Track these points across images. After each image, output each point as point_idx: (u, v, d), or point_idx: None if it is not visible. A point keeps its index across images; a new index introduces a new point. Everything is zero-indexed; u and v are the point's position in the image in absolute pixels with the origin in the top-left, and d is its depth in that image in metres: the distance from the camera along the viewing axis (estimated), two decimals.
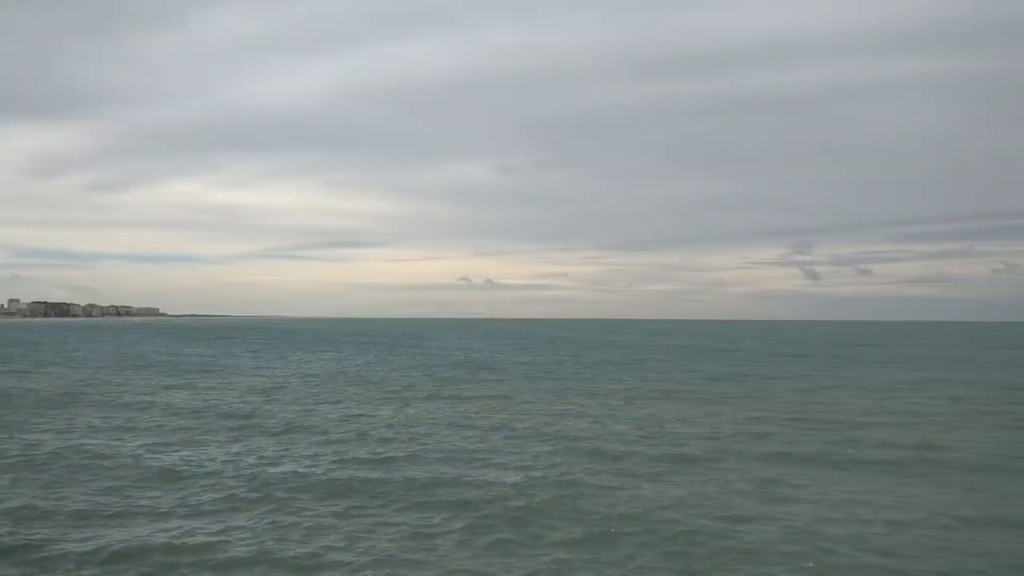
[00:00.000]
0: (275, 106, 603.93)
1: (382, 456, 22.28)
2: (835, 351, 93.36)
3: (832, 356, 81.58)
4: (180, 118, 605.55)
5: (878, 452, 23.49)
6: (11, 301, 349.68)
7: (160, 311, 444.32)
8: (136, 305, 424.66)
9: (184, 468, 20.31)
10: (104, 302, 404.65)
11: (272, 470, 20.10)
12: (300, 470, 20.13)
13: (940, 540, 14.57)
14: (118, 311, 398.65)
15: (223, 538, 14.30)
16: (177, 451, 22.97)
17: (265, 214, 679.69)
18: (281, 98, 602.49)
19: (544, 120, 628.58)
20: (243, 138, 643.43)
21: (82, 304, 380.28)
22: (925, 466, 21.57)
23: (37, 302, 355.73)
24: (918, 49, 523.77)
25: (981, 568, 13.18)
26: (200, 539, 14.21)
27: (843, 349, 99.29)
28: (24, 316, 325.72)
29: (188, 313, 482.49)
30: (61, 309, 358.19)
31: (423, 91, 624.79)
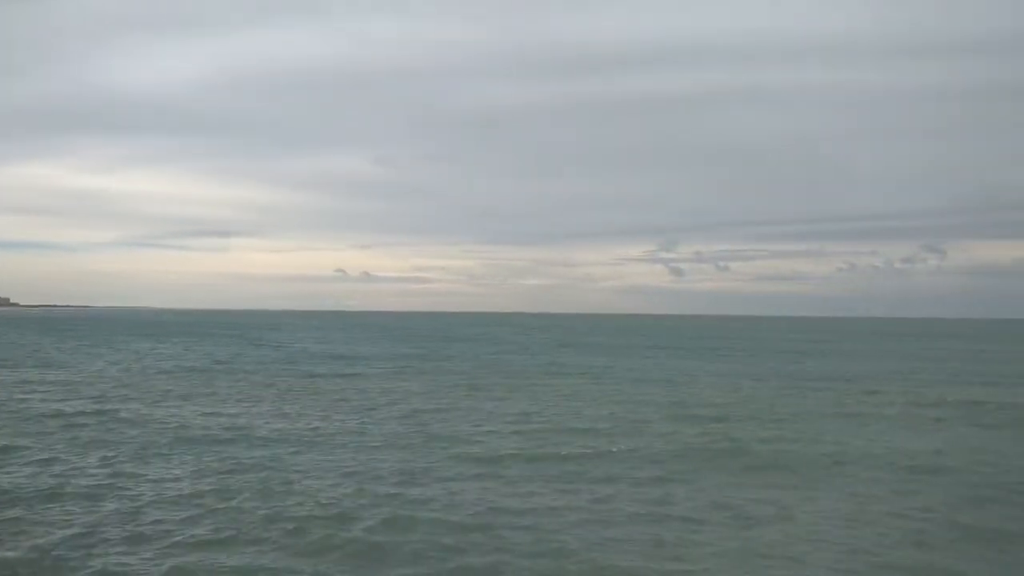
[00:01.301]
0: (144, 89, 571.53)
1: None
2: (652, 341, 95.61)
3: (644, 347, 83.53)
4: (34, 96, 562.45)
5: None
6: None
7: (11, 301, 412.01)
8: None
9: None
10: None
11: None
12: None
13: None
14: None
15: None
16: None
17: (130, 200, 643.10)
18: (151, 81, 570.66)
19: (424, 114, 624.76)
20: (107, 121, 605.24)
21: None
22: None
23: None
24: (783, 58, 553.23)
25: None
26: None
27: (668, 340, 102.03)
28: None
29: (44, 303, 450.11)
30: None
31: (300, 80, 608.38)
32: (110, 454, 21.09)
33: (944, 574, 13.16)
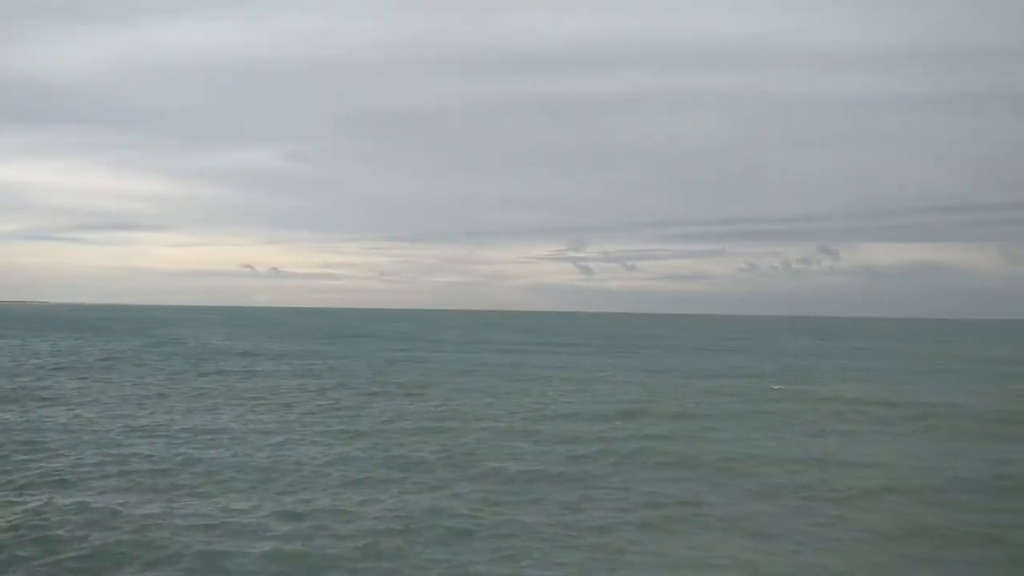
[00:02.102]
0: (40, 76, 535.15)
1: None
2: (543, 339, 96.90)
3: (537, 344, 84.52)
4: None
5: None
6: None
7: None
8: None
9: None
10: None
11: None
12: None
13: None
14: None
15: None
16: None
17: (30, 191, 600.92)
18: (49, 68, 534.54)
19: (337, 110, 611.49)
20: (6, 108, 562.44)
21: None
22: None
23: None
24: (692, 63, 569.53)
25: None
26: None
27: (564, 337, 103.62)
28: None
29: None
30: None
31: (211, 71, 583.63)
32: None
33: (839, 573, 13.53)
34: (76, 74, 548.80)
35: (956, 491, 18.90)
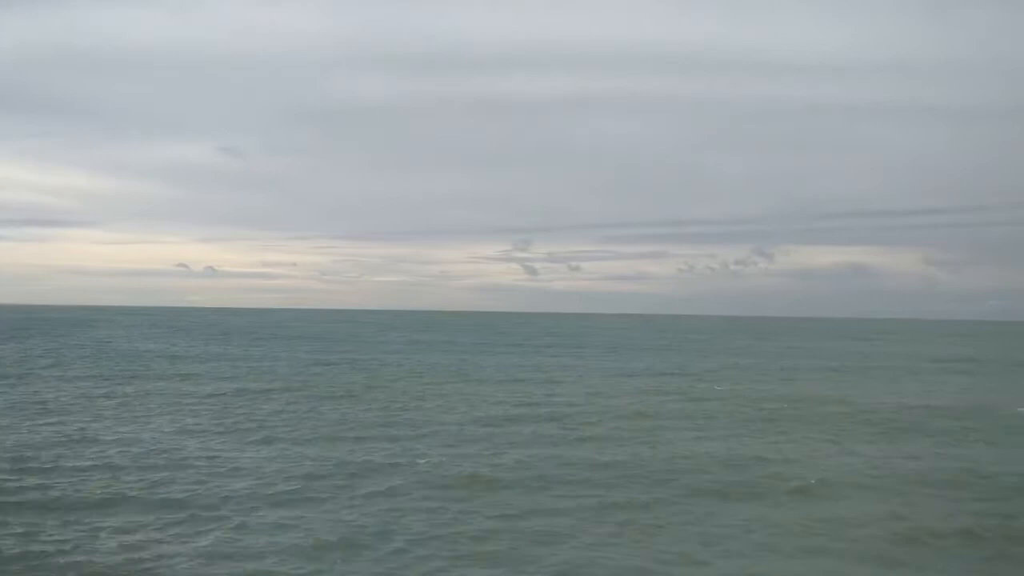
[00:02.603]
0: None
1: None
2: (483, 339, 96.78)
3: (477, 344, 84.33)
4: None
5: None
6: None
7: None
8: None
9: None
10: None
11: None
12: None
13: None
14: None
15: None
16: None
17: None
18: None
19: (277, 104, 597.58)
20: None
21: None
22: None
23: None
24: (637, 67, 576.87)
25: None
26: None
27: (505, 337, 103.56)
28: None
29: None
30: None
31: (141, 61, 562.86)
32: None
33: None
34: None
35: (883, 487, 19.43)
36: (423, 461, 21.39)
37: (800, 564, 14.18)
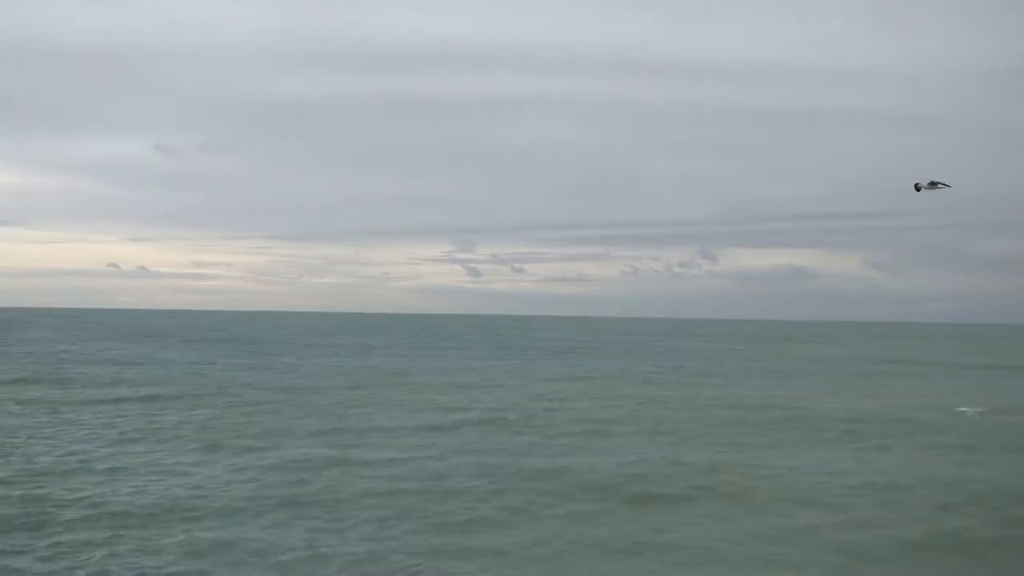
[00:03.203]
0: None
1: None
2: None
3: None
4: None
5: None
6: None
7: None
8: None
9: None
10: None
11: None
12: None
13: None
14: None
15: None
16: None
17: None
18: None
19: (211, 100, 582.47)
20: None
21: None
22: None
23: None
24: (582, 68, 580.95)
25: None
26: None
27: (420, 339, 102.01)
28: None
29: None
30: None
31: (72, 55, 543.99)
32: None
33: None
34: None
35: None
36: (371, 473, 20.08)
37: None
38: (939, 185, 16.82)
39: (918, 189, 16.82)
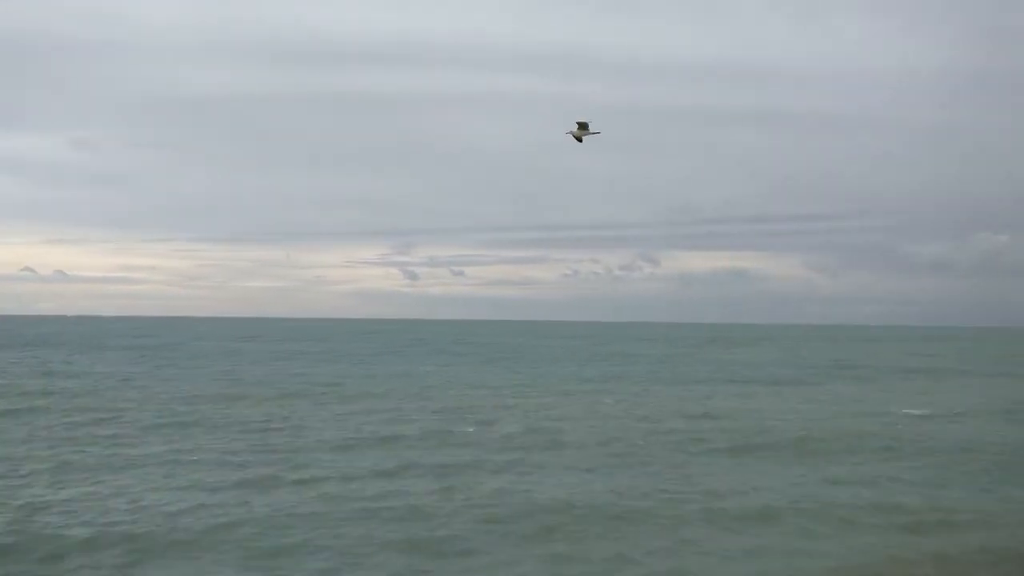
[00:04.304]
0: None
1: None
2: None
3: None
4: None
5: None
6: None
7: None
8: None
9: None
10: None
11: None
12: None
13: None
14: None
15: None
16: None
17: None
18: None
19: (134, 96, 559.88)
20: None
21: None
22: None
23: None
24: (519, 68, 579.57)
25: None
26: None
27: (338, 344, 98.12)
28: None
29: None
30: None
31: None
32: None
33: None
34: None
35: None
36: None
37: None
38: (588, 130, 16.62)
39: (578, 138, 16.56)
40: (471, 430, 28.45)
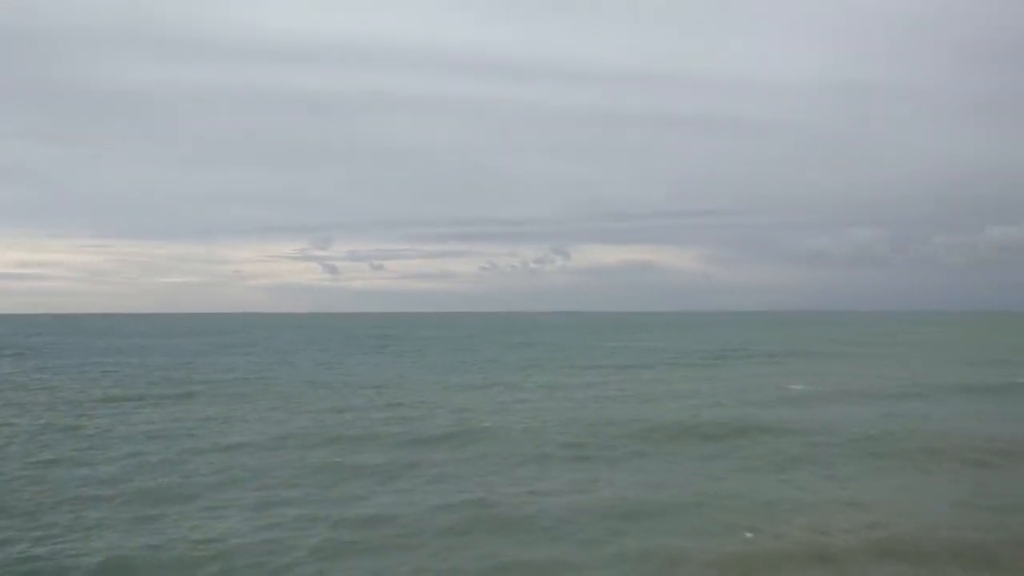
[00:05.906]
0: None
1: None
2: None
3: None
4: None
5: None
6: None
7: None
8: None
9: None
10: None
11: None
12: None
13: None
14: None
15: None
16: None
17: None
18: None
19: (34, 85, 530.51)
20: None
21: None
22: None
23: None
24: (441, 68, 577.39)
25: None
26: None
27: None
28: None
29: None
30: None
31: None
32: None
33: None
34: None
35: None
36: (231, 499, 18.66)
37: None
38: None
39: None
40: (393, 427, 30.48)
